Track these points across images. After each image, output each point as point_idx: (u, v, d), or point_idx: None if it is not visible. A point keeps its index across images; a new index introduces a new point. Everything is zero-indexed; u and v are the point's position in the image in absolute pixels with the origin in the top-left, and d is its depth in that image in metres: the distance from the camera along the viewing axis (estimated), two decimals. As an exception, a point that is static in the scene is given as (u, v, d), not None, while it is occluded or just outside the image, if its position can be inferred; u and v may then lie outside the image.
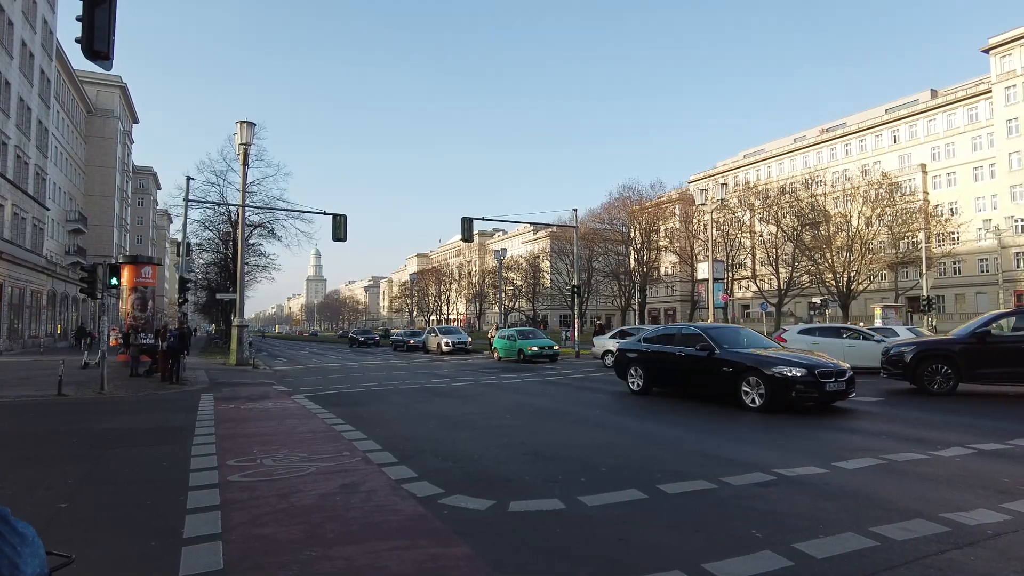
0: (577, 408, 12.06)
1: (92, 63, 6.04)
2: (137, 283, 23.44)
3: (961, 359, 12.42)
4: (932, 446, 7.53)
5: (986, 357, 12.29)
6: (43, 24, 43.49)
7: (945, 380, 12.46)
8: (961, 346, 12.57)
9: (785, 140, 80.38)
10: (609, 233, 67.49)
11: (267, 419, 10.82)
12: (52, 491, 6.01)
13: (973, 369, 12.35)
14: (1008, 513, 4.89)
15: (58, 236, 54.30)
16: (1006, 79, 55.30)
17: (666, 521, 4.89)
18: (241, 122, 25.72)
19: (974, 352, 12.36)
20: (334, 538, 4.56)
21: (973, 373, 12.37)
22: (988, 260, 56.33)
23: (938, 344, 13.34)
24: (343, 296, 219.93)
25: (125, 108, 72.52)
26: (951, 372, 12.47)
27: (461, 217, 30.53)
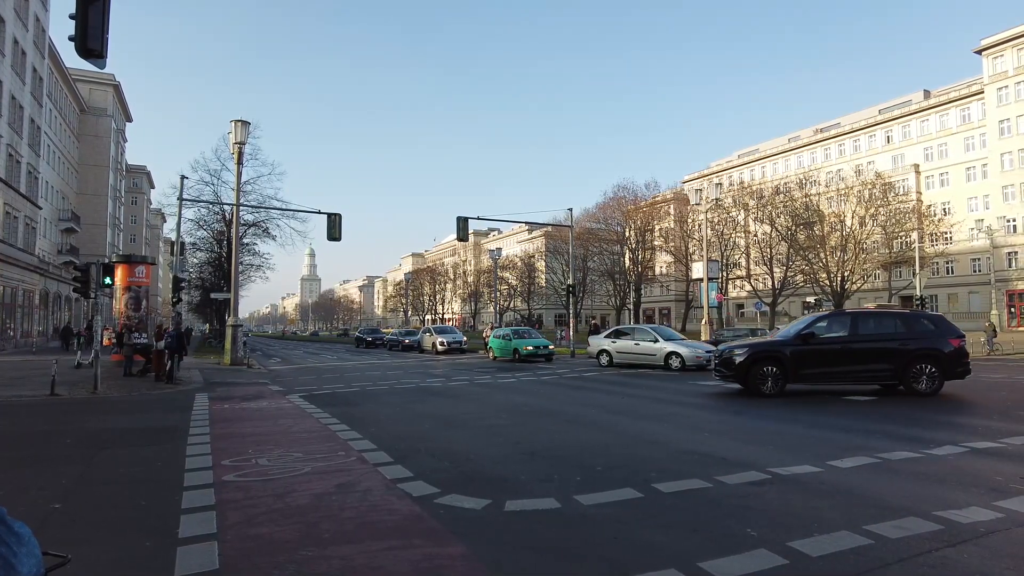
0: (572, 407, 12.07)
1: (85, 61, 6.00)
2: (131, 282, 23.35)
3: (789, 361, 12.66)
4: (925, 444, 7.58)
5: (809, 358, 12.68)
6: (35, 22, 43.23)
7: (775, 382, 12.60)
8: (790, 348, 12.78)
9: (779, 140, 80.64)
10: (604, 233, 67.53)
11: (262, 419, 10.79)
12: (46, 492, 5.98)
13: (798, 370, 12.67)
14: (1001, 511, 4.92)
15: (51, 235, 53.99)
16: (998, 80, 55.63)
17: (661, 520, 4.90)
18: (235, 121, 25.62)
19: (799, 354, 12.68)
20: (330, 538, 4.55)
21: (798, 374, 12.69)
22: (980, 260, 56.66)
23: (769, 346, 13.37)
24: (338, 296, 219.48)
25: (118, 106, 72.18)
26: (780, 374, 12.64)
27: (456, 216, 30.51)
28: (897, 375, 12.62)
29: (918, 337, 12.85)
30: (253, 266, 47.90)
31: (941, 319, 14.21)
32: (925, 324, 13.46)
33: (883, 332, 13.05)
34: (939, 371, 12.55)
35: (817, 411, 10.76)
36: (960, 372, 12.89)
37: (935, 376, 12.50)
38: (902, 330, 13.07)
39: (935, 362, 12.58)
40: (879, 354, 12.69)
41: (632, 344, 22.17)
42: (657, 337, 21.77)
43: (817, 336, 12.91)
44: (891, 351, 12.66)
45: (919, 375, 12.49)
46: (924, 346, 12.71)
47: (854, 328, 13.04)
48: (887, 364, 12.63)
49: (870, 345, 12.78)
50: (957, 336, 13.00)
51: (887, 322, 13.57)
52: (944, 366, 12.61)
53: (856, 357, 12.72)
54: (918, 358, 12.58)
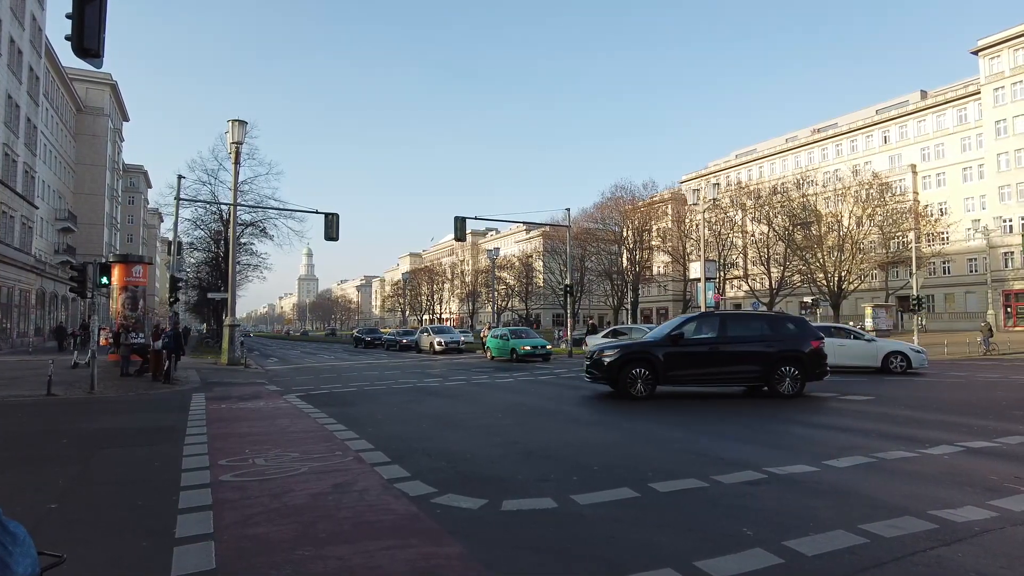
0: (569, 407, 12.08)
1: (82, 60, 6.00)
2: (127, 282, 23.34)
3: (660, 362, 12.52)
4: (921, 444, 7.61)
5: (679, 360, 12.59)
6: (32, 21, 43.12)
7: (645, 384, 12.41)
8: (662, 350, 12.65)
9: (777, 140, 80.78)
10: (602, 233, 67.55)
11: (259, 419, 10.78)
12: (42, 492, 5.97)
13: (668, 372, 12.53)
14: (995, 510, 4.95)
15: (47, 235, 53.87)
16: (995, 80, 55.78)
17: (658, 519, 4.92)
18: (233, 120, 25.60)
19: (670, 355, 12.57)
20: (326, 538, 4.56)
21: (668, 376, 12.55)
22: (977, 260, 56.82)
23: (641, 347, 13.19)
24: (335, 295, 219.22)
25: (115, 106, 72.02)
26: (650, 376, 12.45)
27: (454, 216, 30.45)
28: (764, 377, 12.64)
29: (782, 339, 12.88)
30: (250, 266, 47.89)
31: (802, 321, 14.31)
32: (789, 326, 13.50)
33: (750, 334, 13.03)
34: (801, 373, 12.60)
35: (814, 411, 10.78)
36: (819, 373, 12.98)
37: (797, 378, 12.57)
38: (768, 332, 13.06)
39: (797, 364, 12.63)
40: (746, 356, 12.67)
41: (629, 344, 22.17)
42: (654, 337, 21.77)
43: (687, 337, 12.83)
44: (757, 353, 12.66)
45: (783, 377, 12.52)
46: (787, 348, 12.75)
47: (723, 330, 12.96)
48: (754, 366, 12.63)
49: (738, 347, 12.75)
50: (817, 338, 13.14)
51: (754, 324, 13.60)
52: (805, 368, 12.65)
53: (725, 359, 12.64)
54: (782, 360, 12.60)
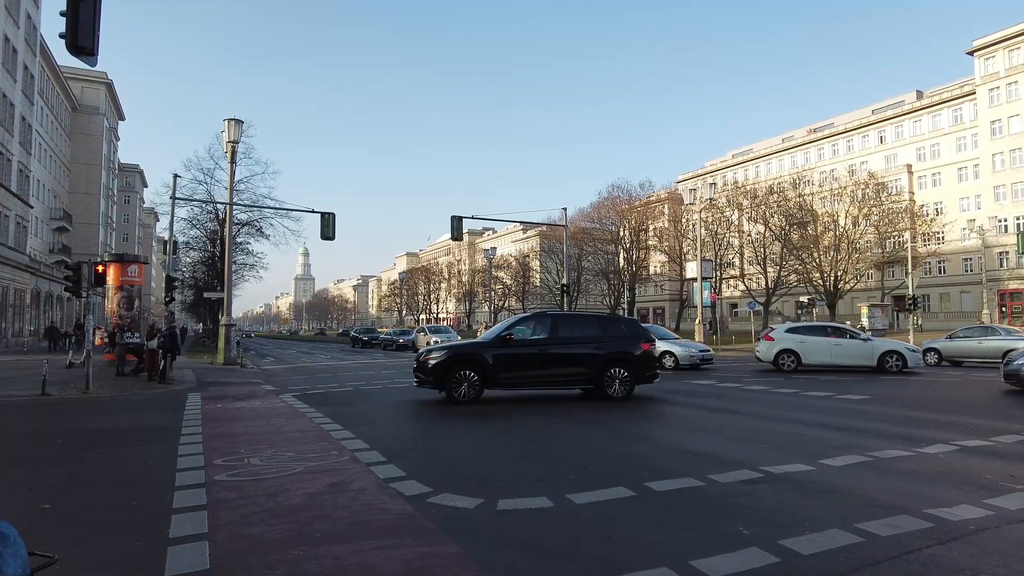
0: (566, 406, 12.07)
1: (76, 59, 5.97)
2: (123, 282, 23.27)
3: (489, 364, 12.07)
4: (916, 443, 7.62)
5: (509, 361, 12.19)
6: (26, 19, 42.96)
7: (471, 387, 11.89)
8: (491, 351, 12.26)
9: (773, 140, 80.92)
10: (598, 232, 67.63)
11: (254, 418, 10.75)
12: (35, 492, 5.94)
13: (497, 374, 12.08)
14: (990, 509, 4.96)
15: (42, 234, 53.67)
16: (990, 81, 55.98)
17: (654, 519, 4.91)
18: (229, 120, 25.52)
19: (500, 357, 12.18)
20: (322, 537, 4.54)
21: (497, 378, 12.12)
22: (972, 259, 57.04)
23: (469, 348, 12.81)
24: (332, 295, 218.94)
25: (111, 105, 71.79)
26: (478, 378, 11.94)
27: (451, 216, 30.47)
28: (593, 379, 12.40)
29: (613, 340, 12.67)
30: (247, 265, 47.80)
31: (634, 323, 14.05)
32: (620, 328, 13.31)
33: (582, 335, 12.78)
34: (631, 375, 12.42)
35: (810, 411, 10.80)
36: (649, 376, 12.86)
37: (627, 381, 12.39)
38: (599, 333, 12.85)
39: (627, 366, 12.45)
40: (576, 358, 12.41)
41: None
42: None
43: (518, 339, 12.48)
44: (587, 355, 12.41)
45: (612, 380, 12.32)
46: (618, 350, 12.55)
47: (554, 331, 12.67)
48: (583, 368, 12.38)
49: (568, 349, 12.47)
50: (648, 340, 12.98)
51: (586, 325, 13.39)
52: (636, 370, 12.48)
53: (554, 361, 12.35)
54: (612, 362, 12.42)
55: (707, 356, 20.98)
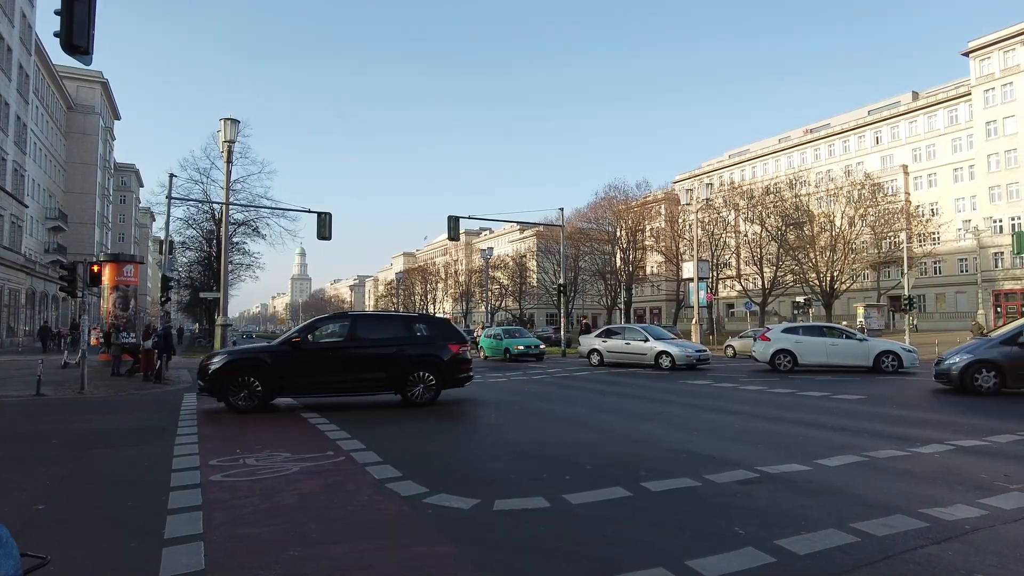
0: (562, 406, 12.08)
1: (71, 58, 5.95)
2: (119, 282, 23.19)
3: (272, 369, 11.36)
4: (912, 443, 7.64)
5: (298, 365, 11.56)
6: (21, 18, 42.82)
7: (252, 396, 11.19)
8: (275, 355, 11.64)
9: (770, 140, 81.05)
10: (595, 232, 67.58)
11: (250, 418, 10.72)
12: (29, 492, 5.92)
13: (284, 379, 11.43)
14: (985, 508, 4.97)
15: (37, 234, 53.48)
16: (985, 82, 56.18)
17: (650, 519, 4.92)
18: (225, 119, 25.44)
19: (287, 361, 11.52)
20: (317, 538, 4.53)
21: (284, 384, 11.50)
22: (967, 260, 57.23)
23: (253, 352, 12.29)
24: (328, 295, 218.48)
25: (106, 104, 71.59)
26: (260, 386, 11.23)
27: (447, 216, 30.46)
28: (395, 384, 11.86)
29: (418, 343, 12.21)
30: (243, 265, 47.72)
31: (444, 324, 13.49)
32: (427, 329, 12.78)
33: (383, 337, 12.24)
34: (437, 379, 11.93)
35: (807, 411, 10.82)
36: (460, 379, 12.43)
37: (432, 385, 11.88)
38: (402, 336, 12.36)
39: (433, 370, 11.93)
40: (376, 361, 11.83)
41: (623, 343, 22.24)
42: (647, 336, 21.86)
43: (313, 341, 11.98)
44: (388, 358, 11.83)
45: (415, 384, 11.78)
46: (423, 353, 12.05)
47: (353, 332, 12.12)
48: (384, 372, 11.81)
49: (367, 351, 11.89)
50: (458, 342, 12.47)
51: (388, 327, 12.94)
52: (443, 374, 11.99)
53: (351, 365, 11.74)
54: (416, 365, 11.87)
55: (703, 356, 21.00)
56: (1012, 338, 12.59)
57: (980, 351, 12.82)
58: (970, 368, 12.66)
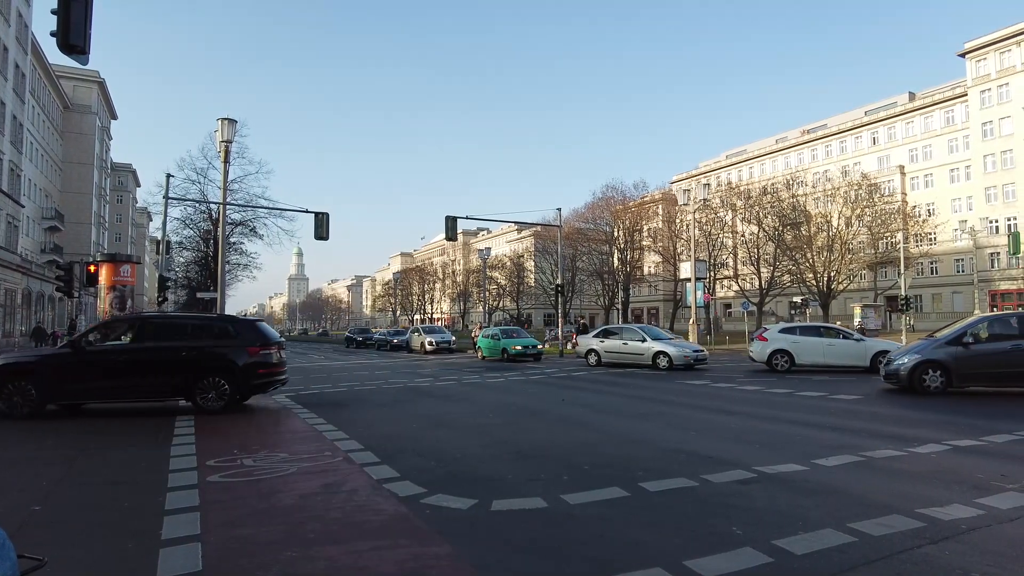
0: (560, 407, 12.08)
1: (68, 57, 5.94)
2: (115, 281, 23.08)
3: (50, 373, 10.85)
4: (909, 443, 7.66)
5: (75, 370, 10.97)
6: (17, 17, 42.70)
7: (26, 402, 10.62)
8: (52, 360, 11.23)
9: (767, 141, 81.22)
10: (593, 233, 67.60)
11: (247, 419, 10.71)
12: (25, 493, 5.90)
13: (60, 385, 10.86)
14: (981, 508, 4.99)
15: (33, 234, 53.35)
16: (981, 83, 56.35)
17: (648, 519, 4.92)
18: (222, 119, 25.37)
19: (63, 365, 10.99)
20: (315, 538, 4.53)
21: (60, 390, 10.91)
22: (964, 260, 57.41)
23: (23, 357, 11.75)
24: (325, 295, 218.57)
25: (103, 104, 71.43)
26: (34, 391, 10.70)
27: (445, 216, 30.42)
28: (183, 389, 11.21)
29: (211, 346, 11.50)
30: (240, 265, 47.57)
31: (246, 325, 12.52)
32: (223, 331, 12.01)
33: (171, 340, 11.51)
34: (231, 385, 11.22)
35: (805, 411, 10.84)
36: (260, 386, 11.80)
37: (226, 392, 11.16)
38: (194, 338, 11.68)
39: (227, 374, 11.23)
40: (163, 366, 11.19)
41: (620, 344, 22.25)
42: (645, 337, 21.86)
43: (94, 344, 11.40)
44: (177, 362, 11.18)
45: (207, 389, 11.09)
46: (215, 356, 11.32)
47: (140, 335, 11.56)
48: (171, 377, 11.16)
49: (154, 355, 11.23)
50: (259, 344, 11.66)
51: (179, 329, 12.16)
52: (237, 379, 11.28)
53: (136, 369, 11.09)
54: (208, 370, 11.17)
55: (701, 356, 21.01)
56: (957, 338, 12.62)
57: (927, 351, 12.83)
58: (918, 368, 12.67)
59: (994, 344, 12.49)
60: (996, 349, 12.39)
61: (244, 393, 11.81)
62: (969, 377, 12.54)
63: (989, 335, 12.72)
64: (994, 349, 12.42)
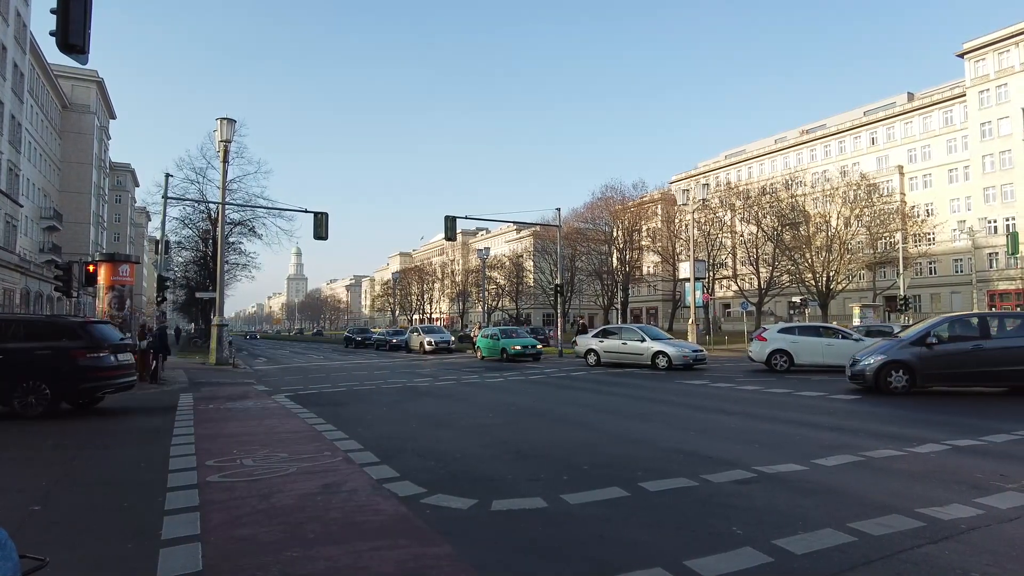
0: (559, 407, 12.09)
1: (67, 57, 5.93)
2: (114, 281, 23.03)
3: None
4: (908, 443, 7.66)
5: None
6: (16, 16, 42.62)
7: None
8: None
9: (766, 141, 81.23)
10: (592, 232, 67.64)
11: (247, 419, 10.71)
12: (25, 493, 5.89)
13: None
14: (981, 508, 4.99)
15: (32, 233, 53.27)
16: (980, 83, 56.40)
17: (648, 519, 4.92)
18: (221, 119, 25.40)
19: None
20: (315, 538, 4.52)
21: None
22: (962, 260, 57.47)
23: None
24: (324, 295, 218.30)
25: (102, 103, 71.31)
26: None
27: (444, 216, 30.41)
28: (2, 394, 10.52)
29: (32, 349, 10.70)
30: (239, 265, 47.63)
31: (75, 326, 11.59)
32: (50, 331, 11.22)
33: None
34: (52, 390, 10.57)
35: (804, 411, 10.85)
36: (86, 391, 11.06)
37: (46, 397, 10.56)
38: (16, 338, 10.87)
39: (47, 379, 10.53)
40: None
41: (620, 344, 22.25)
42: (644, 336, 21.87)
43: None
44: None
45: (25, 394, 10.44)
46: (35, 360, 10.57)
47: None
48: None
49: None
50: (85, 348, 10.80)
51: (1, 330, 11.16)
52: (59, 384, 10.58)
53: None
54: (27, 374, 10.52)
55: (700, 356, 21.02)
56: (920, 339, 12.60)
57: (892, 352, 12.78)
58: (883, 369, 12.62)
59: (956, 344, 12.49)
60: (958, 349, 12.40)
61: (71, 399, 11.15)
62: (933, 377, 12.51)
63: (951, 335, 12.70)
64: (956, 349, 12.41)
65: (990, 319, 13.35)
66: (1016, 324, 12.80)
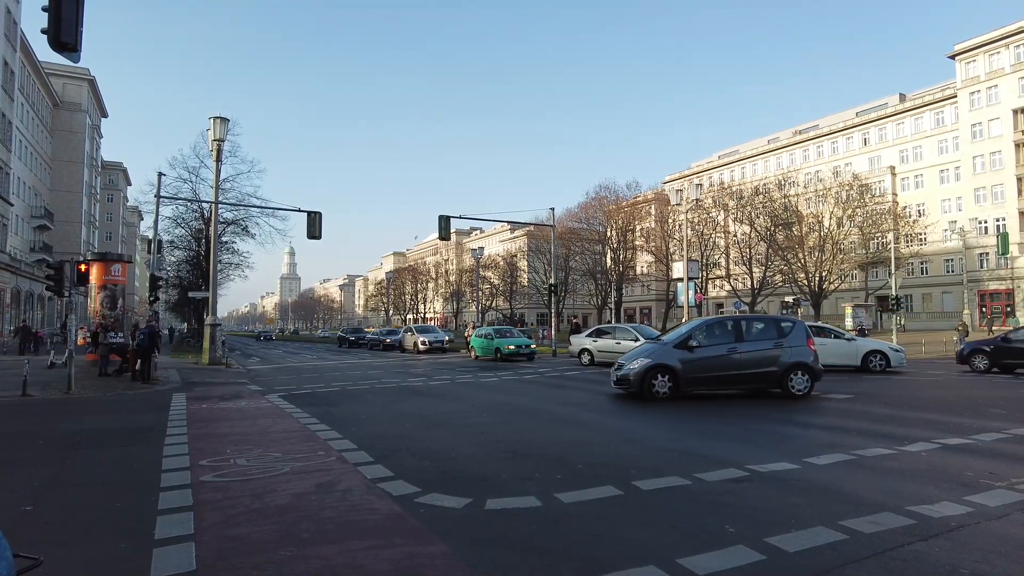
0: (554, 406, 12.10)
1: (59, 55, 5.89)
2: (106, 281, 22.96)
3: None
4: (899, 441, 7.72)
5: None
6: (6, 13, 42.31)
7: None
8: None
9: (759, 141, 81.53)
10: (586, 232, 67.76)
11: (240, 419, 10.67)
12: (17, 494, 5.86)
13: None
14: (971, 505, 5.04)
15: (23, 232, 52.88)
16: (971, 85, 56.80)
17: (641, 517, 4.94)
18: (215, 118, 25.30)
19: None
20: (309, 538, 4.52)
21: None
22: (953, 260, 57.84)
23: None
24: (317, 295, 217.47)
25: (93, 102, 70.86)
26: None
27: (438, 215, 30.40)
28: None
29: None
30: (232, 264, 47.41)
31: None
32: None
33: None
34: None
35: (796, 410, 10.91)
36: None
37: None
38: None
39: None
40: None
41: (613, 343, 22.28)
42: (638, 336, 21.89)
43: None
44: None
45: None
46: None
47: None
48: None
49: None
50: None
51: None
52: None
53: None
54: None
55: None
56: (683, 342, 12.49)
57: (656, 355, 12.54)
58: (649, 373, 12.25)
59: (713, 348, 12.44)
60: (715, 353, 12.37)
61: None
62: (694, 381, 12.34)
63: (708, 339, 12.64)
64: (713, 353, 12.37)
65: (743, 322, 13.19)
66: (760, 328, 12.99)
